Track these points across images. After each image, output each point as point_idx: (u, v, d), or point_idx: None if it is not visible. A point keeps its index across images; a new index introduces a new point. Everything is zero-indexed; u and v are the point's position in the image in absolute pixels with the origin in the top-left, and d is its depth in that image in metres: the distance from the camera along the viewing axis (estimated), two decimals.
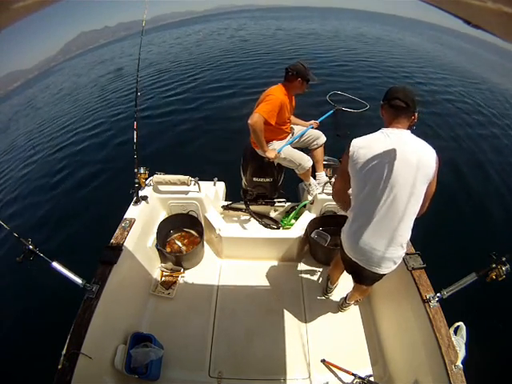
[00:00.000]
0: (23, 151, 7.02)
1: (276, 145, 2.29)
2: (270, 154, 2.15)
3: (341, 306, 2.08)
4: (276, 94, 2.00)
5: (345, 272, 2.02)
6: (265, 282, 2.28)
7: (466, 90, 8.56)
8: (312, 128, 2.48)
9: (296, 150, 2.32)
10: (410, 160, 1.18)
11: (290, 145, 2.32)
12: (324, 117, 2.90)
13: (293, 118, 2.42)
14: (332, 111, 2.70)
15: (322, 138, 2.40)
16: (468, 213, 3.76)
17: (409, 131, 1.25)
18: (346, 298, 2.04)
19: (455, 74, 10.62)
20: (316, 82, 2.09)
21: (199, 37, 20.72)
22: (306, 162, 2.29)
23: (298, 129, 2.43)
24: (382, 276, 1.44)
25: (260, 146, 2.13)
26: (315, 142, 2.39)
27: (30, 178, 5.36)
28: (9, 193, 5.05)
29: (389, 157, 1.19)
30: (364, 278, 1.54)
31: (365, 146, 1.25)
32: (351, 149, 1.28)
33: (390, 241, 1.28)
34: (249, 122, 1.94)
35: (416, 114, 1.25)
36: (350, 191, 1.47)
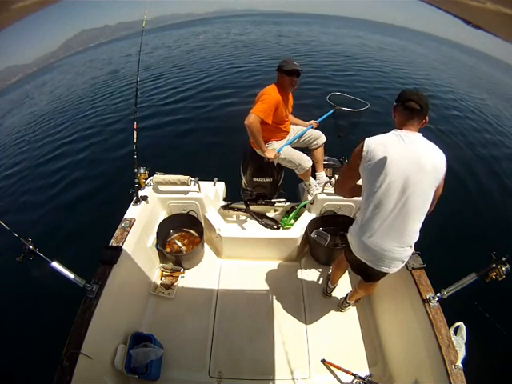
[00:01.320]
0: (21, 149, 7.00)
1: (275, 145, 2.29)
2: (270, 154, 2.15)
3: (341, 305, 2.08)
4: (270, 92, 2.00)
5: (345, 272, 2.03)
6: (265, 282, 2.28)
7: (470, 102, 8.58)
8: (312, 128, 2.48)
9: (296, 150, 2.31)
10: (424, 164, 1.20)
11: (289, 145, 2.32)
12: (324, 117, 2.89)
13: (292, 118, 2.42)
14: (332, 111, 2.69)
15: (322, 138, 2.40)
16: (468, 213, 3.76)
17: (420, 134, 1.28)
18: (346, 297, 2.04)
19: (457, 83, 10.63)
20: (298, 67, 1.98)
21: (199, 39, 20.73)
22: (306, 162, 2.29)
23: (297, 129, 2.43)
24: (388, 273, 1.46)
25: (258, 147, 2.12)
26: (315, 142, 2.39)
27: (28, 177, 5.35)
28: (8, 192, 5.05)
29: (403, 160, 1.21)
30: (372, 276, 1.56)
31: (379, 147, 1.25)
32: (365, 148, 1.28)
33: (399, 242, 1.30)
34: (245, 122, 1.93)
35: (427, 118, 1.28)
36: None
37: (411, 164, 1.20)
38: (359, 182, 1.48)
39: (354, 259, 1.50)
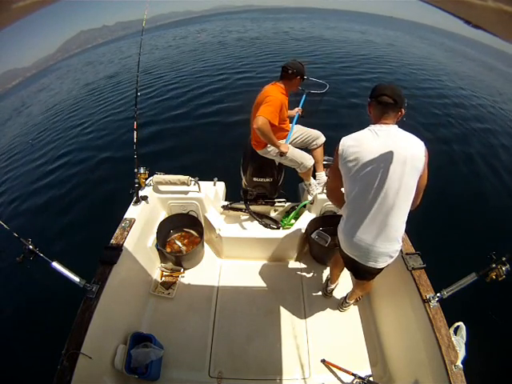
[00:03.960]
0: (22, 149, 7.02)
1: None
2: (284, 149, 2.13)
3: (341, 305, 2.08)
4: (274, 94, 1.99)
5: (344, 272, 2.04)
6: (265, 282, 2.28)
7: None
8: (299, 115, 2.52)
9: (298, 149, 2.31)
10: (399, 155, 1.20)
11: (291, 145, 2.32)
12: (302, 102, 2.90)
13: None
14: (305, 96, 2.76)
15: (322, 138, 2.39)
16: (468, 213, 3.76)
17: (396, 126, 1.28)
18: (346, 297, 2.05)
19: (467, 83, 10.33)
20: (309, 80, 2.08)
21: (199, 38, 20.70)
22: (308, 160, 2.29)
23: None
24: (380, 270, 1.46)
25: (272, 144, 2.11)
26: (315, 142, 2.39)
27: (28, 177, 5.35)
28: (8, 192, 5.05)
29: (379, 154, 1.21)
30: (363, 273, 1.56)
31: (354, 145, 1.27)
32: (340, 147, 1.30)
33: (384, 236, 1.30)
34: (254, 126, 1.91)
35: (403, 110, 1.27)
36: (342, 189, 1.49)
37: (387, 157, 1.20)
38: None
39: (344, 255, 1.52)
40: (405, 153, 1.20)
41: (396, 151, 1.19)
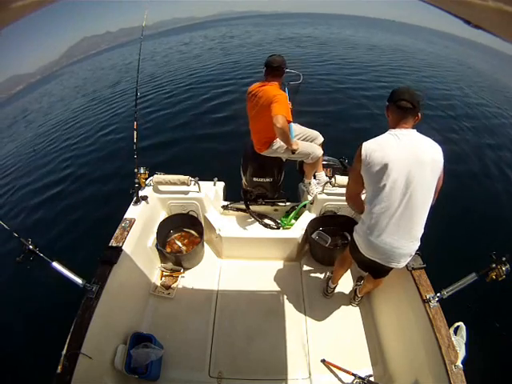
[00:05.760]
0: (25, 152, 7.03)
1: (279, 142, 2.26)
2: (296, 146, 2.14)
3: (353, 299, 2.10)
4: (279, 92, 2.01)
5: (347, 271, 2.04)
6: (265, 282, 2.28)
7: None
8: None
9: (304, 142, 2.30)
10: (423, 159, 1.23)
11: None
12: (288, 95, 2.92)
13: None
14: (287, 88, 2.79)
15: (320, 138, 2.39)
16: (468, 213, 3.75)
17: (415, 130, 1.31)
18: (355, 291, 2.06)
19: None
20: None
21: (202, 42, 20.69)
22: (317, 150, 2.28)
23: None
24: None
25: (287, 144, 2.11)
26: (313, 143, 2.38)
27: (29, 178, 5.36)
28: (9, 193, 5.05)
29: (402, 157, 1.24)
30: (382, 272, 1.59)
31: (377, 149, 1.28)
32: (363, 152, 1.30)
33: (408, 237, 1.33)
34: (278, 126, 1.89)
35: (419, 115, 1.30)
36: (363, 194, 1.51)
37: (410, 160, 1.23)
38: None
39: (362, 258, 1.52)
40: (427, 157, 1.24)
41: (419, 155, 1.23)
